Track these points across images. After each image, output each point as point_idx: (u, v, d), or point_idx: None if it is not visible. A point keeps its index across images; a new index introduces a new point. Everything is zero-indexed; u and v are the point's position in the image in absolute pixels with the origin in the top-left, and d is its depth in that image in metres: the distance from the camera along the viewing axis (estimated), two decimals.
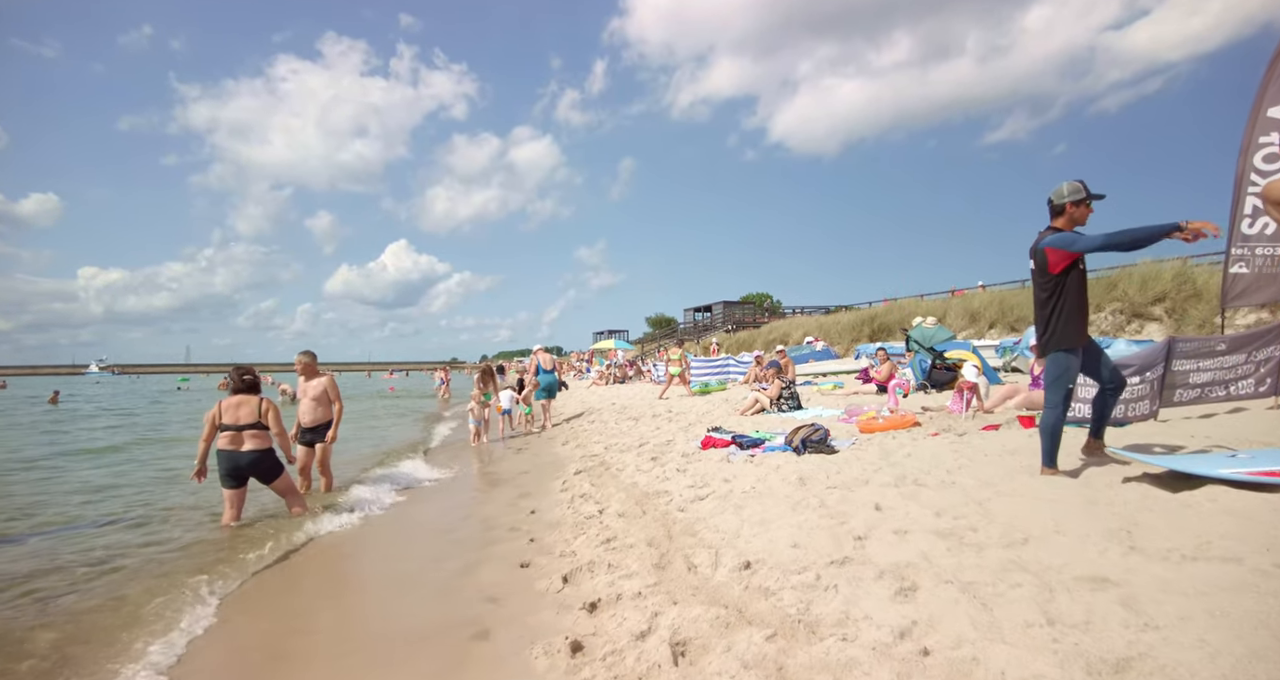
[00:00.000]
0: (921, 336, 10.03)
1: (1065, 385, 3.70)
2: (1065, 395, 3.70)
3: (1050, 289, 3.74)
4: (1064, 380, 3.70)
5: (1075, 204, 3.68)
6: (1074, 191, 3.68)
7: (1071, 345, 3.68)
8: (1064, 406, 3.71)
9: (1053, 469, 3.76)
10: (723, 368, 18.10)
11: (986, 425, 5.89)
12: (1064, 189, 3.71)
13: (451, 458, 8.61)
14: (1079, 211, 3.69)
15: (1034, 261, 3.80)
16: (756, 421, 8.41)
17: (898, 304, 26.01)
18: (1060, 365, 3.71)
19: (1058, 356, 3.72)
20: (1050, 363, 3.78)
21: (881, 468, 4.58)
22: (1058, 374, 3.73)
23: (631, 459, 6.19)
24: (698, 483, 4.70)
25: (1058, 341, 3.70)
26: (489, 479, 6.72)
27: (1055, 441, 3.75)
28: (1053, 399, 3.75)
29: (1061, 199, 3.70)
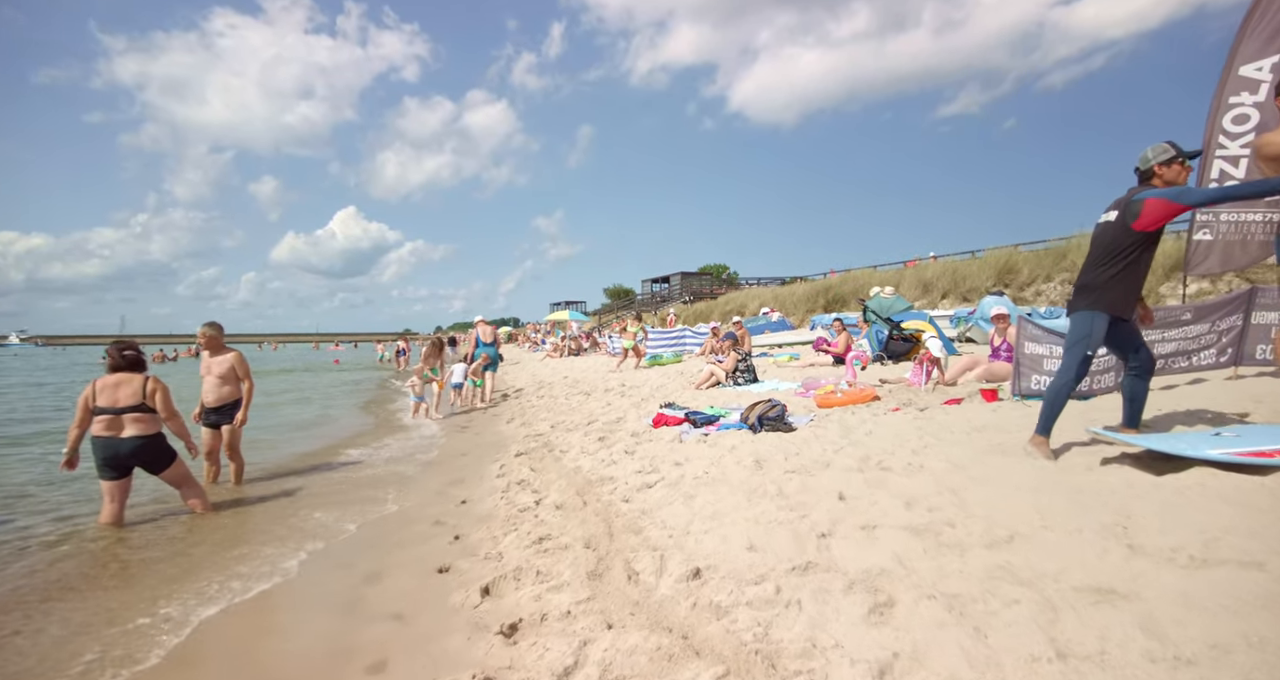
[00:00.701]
0: (879, 307, 9.82)
1: (1084, 350, 3.34)
2: (1081, 361, 3.34)
3: (1121, 246, 3.26)
4: (1084, 345, 3.34)
5: (1165, 165, 3.28)
6: (1161, 152, 3.29)
7: (1109, 311, 3.30)
8: (1076, 373, 3.34)
9: (1044, 438, 3.43)
10: (679, 339, 17.74)
11: (948, 399, 5.65)
12: (1149, 153, 3.32)
13: (384, 437, 7.99)
14: (1171, 171, 3.28)
15: (1116, 213, 3.31)
16: (711, 396, 8.05)
17: (851, 275, 26.10)
18: (1085, 327, 3.34)
19: (1086, 315, 3.34)
20: (1075, 322, 3.41)
21: (843, 448, 4.25)
22: (1080, 336, 3.36)
23: (578, 439, 5.73)
24: (646, 467, 4.28)
25: (1096, 301, 3.31)
26: (421, 461, 6.17)
27: (1056, 409, 3.40)
28: (1066, 362, 3.40)
29: (1148, 163, 3.31)
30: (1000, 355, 6.74)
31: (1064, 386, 3.37)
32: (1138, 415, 3.55)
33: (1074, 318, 3.40)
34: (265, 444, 7.48)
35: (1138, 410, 3.54)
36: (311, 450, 7.08)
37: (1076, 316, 3.38)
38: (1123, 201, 3.31)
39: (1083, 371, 3.36)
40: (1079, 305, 3.37)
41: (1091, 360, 3.36)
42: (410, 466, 5.97)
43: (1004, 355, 6.71)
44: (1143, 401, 3.54)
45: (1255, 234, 5.25)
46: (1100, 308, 3.29)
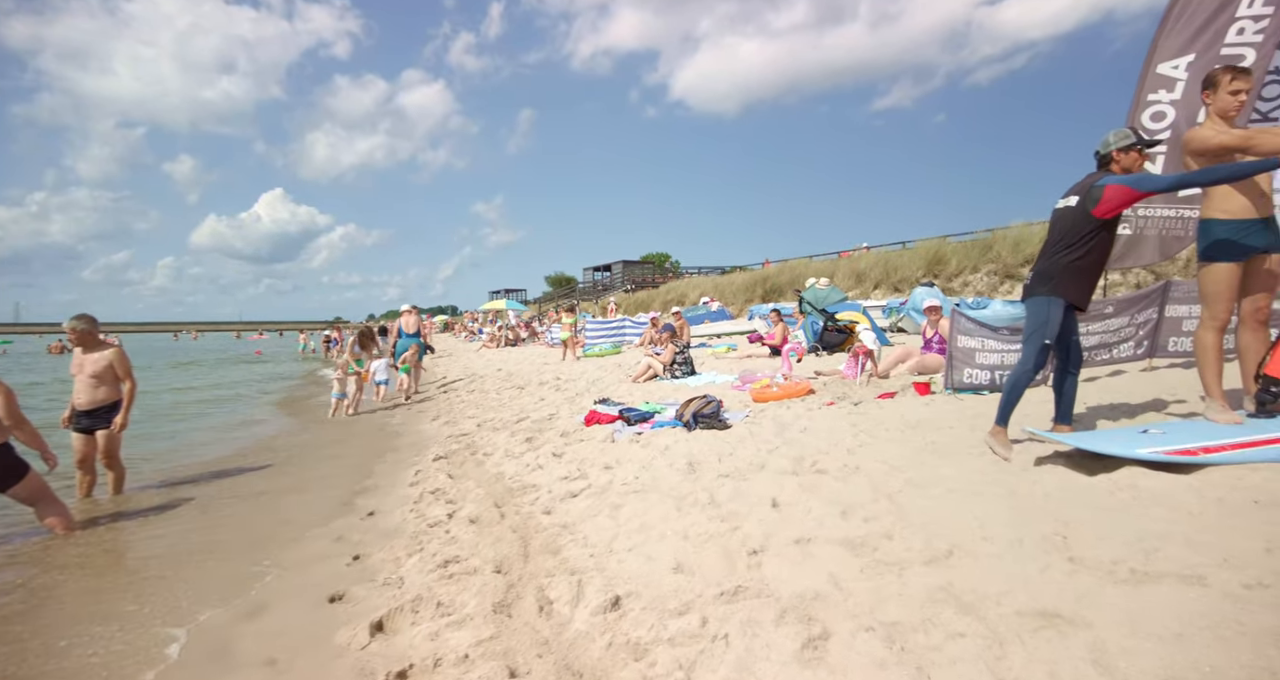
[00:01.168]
0: (814, 298, 9.83)
1: (1043, 338, 3.24)
2: (1040, 349, 3.23)
3: (1081, 232, 3.19)
4: (1042, 333, 3.24)
5: (1124, 151, 3.21)
6: (1122, 137, 3.21)
7: (1066, 297, 3.21)
8: (1035, 362, 3.24)
9: (1002, 429, 3.34)
10: (618, 330, 17.47)
11: (882, 393, 5.61)
12: (1110, 137, 3.25)
13: (293, 437, 7.40)
14: (1128, 158, 3.22)
15: (1077, 198, 3.23)
16: (648, 390, 7.83)
17: (789, 265, 26.47)
18: (1042, 314, 3.24)
19: (1043, 301, 3.24)
20: (1031, 309, 3.31)
21: (777, 447, 4.09)
22: (1036, 324, 3.26)
23: (504, 440, 5.39)
24: (573, 473, 3.99)
25: (1055, 287, 3.22)
26: (330, 466, 5.68)
27: (1014, 399, 3.30)
28: (1025, 351, 3.30)
29: (1108, 147, 3.24)
30: (932, 347, 6.79)
31: (1023, 376, 3.28)
32: (1069, 411, 3.52)
33: (1030, 304, 3.32)
34: (160, 446, 6.79)
35: (1069, 406, 3.51)
36: (211, 454, 6.44)
37: (1033, 303, 3.30)
38: (1083, 186, 3.24)
39: (1041, 360, 3.27)
40: (1037, 291, 3.28)
41: (1050, 349, 3.28)
42: (318, 472, 5.48)
43: (936, 347, 6.76)
44: (1073, 397, 3.51)
45: (1171, 229, 5.40)
46: (1058, 294, 3.22)
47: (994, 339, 5.14)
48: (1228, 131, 3.16)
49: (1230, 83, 3.19)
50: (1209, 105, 3.26)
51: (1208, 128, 3.21)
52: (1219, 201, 3.20)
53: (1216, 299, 3.23)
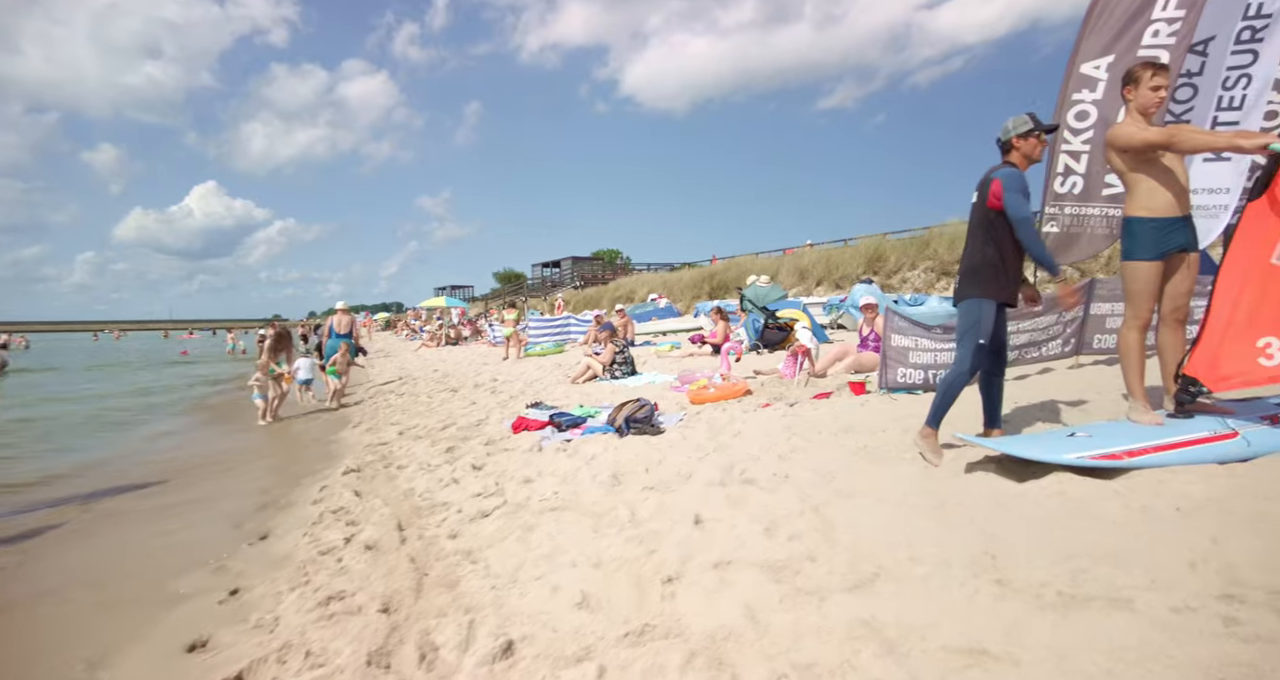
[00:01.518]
0: (755, 295, 9.76)
1: (975, 339, 3.13)
2: (975, 350, 3.12)
3: (987, 226, 3.13)
4: (974, 333, 3.13)
5: (1023, 137, 3.14)
6: (1021, 124, 3.15)
7: (994, 297, 3.13)
8: (971, 365, 3.14)
9: (933, 430, 3.23)
10: (563, 328, 17.10)
11: (818, 393, 5.51)
12: (1009, 123, 3.18)
13: (200, 446, 6.81)
14: (1028, 144, 3.15)
15: (978, 193, 3.19)
16: (586, 392, 7.57)
17: (735, 262, 26.62)
18: (972, 315, 3.15)
19: (973, 303, 3.16)
20: (962, 311, 3.22)
21: (708, 454, 3.90)
22: (968, 326, 3.16)
23: (422, 450, 5.03)
24: (489, 488, 3.70)
25: (981, 288, 3.13)
26: (237, 479, 5.21)
27: (948, 402, 3.20)
28: (960, 353, 3.19)
29: (1008, 134, 3.17)
30: (868, 345, 6.77)
31: (958, 379, 3.18)
32: (998, 414, 3.44)
33: (961, 307, 3.23)
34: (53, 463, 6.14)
35: (997, 409, 3.44)
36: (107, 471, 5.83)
37: (964, 305, 3.21)
38: (982, 180, 3.19)
39: (977, 362, 3.18)
40: (965, 292, 3.21)
41: (985, 349, 3.19)
42: (219, 487, 5.00)
43: (872, 345, 6.74)
44: (1000, 399, 3.43)
45: (1095, 227, 5.48)
46: (986, 294, 3.13)
47: (927, 338, 5.11)
48: (1151, 128, 3.12)
49: (1151, 78, 3.16)
50: (1130, 101, 3.23)
51: (1129, 124, 3.17)
52: (1143, 199, 3.16)
53: (1139, 297, 3.20)
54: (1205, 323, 3.01)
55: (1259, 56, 5.03)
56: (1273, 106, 5.17)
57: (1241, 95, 5.13)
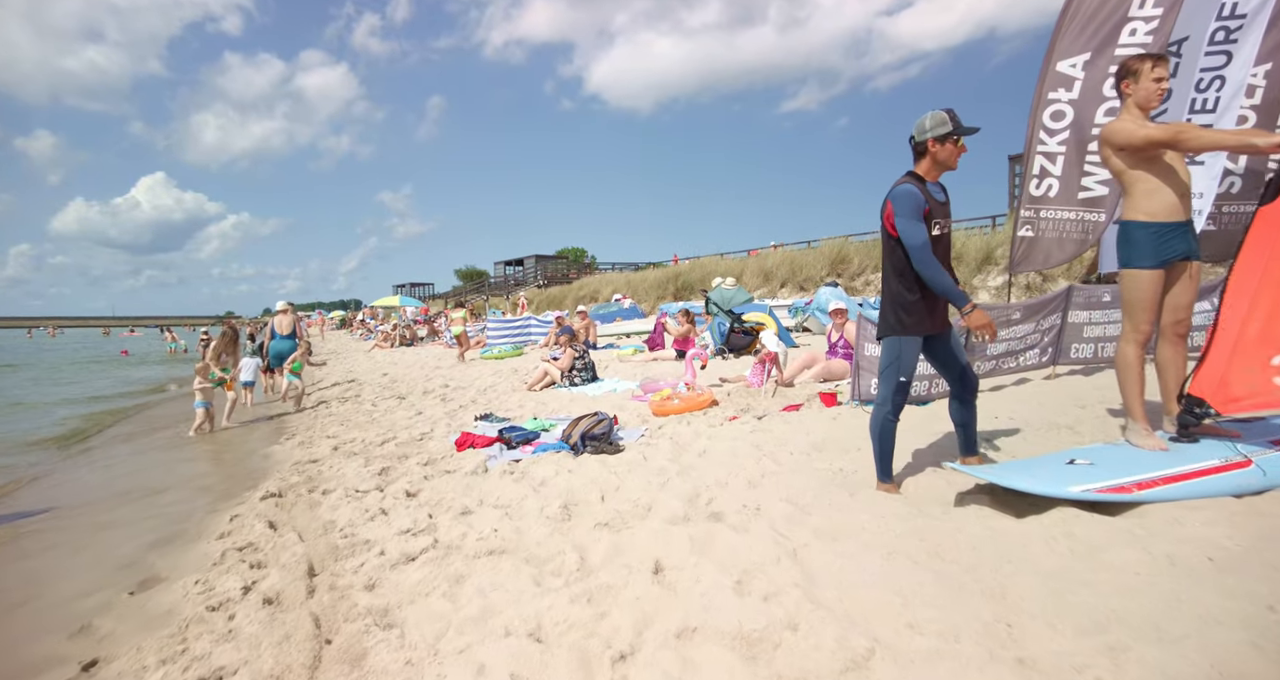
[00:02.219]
0: (720, 298, 9.44)
1: (894, 376, 2.83)
2: (894, 388, 2.84)
3: (891, 253, 2.83)
4: (892, 371, 2.84)
5: (939, 140, 2.75)
6: (938, 124, 2.75)
7: (912, 331, 2.80)
8: (894, 404, 2.86)
9: (888, 485, 2.94)
10: (523, 329, 16.55)
11: (787, 405, 5.18)
12: (925, 121, 2.78)
13: (117, 465, 6.13)
14: (944, 151, 2.77)
15: (882, 216, 2.87)
16: (543, 400, 7.12)
17: (700, 263, 26.41)
18: (890, 353, 2.84)
19: (890, 343, 2.85)
20: (882, 349, 2.91)
21: (670, 479, 3.52)
22: (886, 363, 2.86)
23: (354, 471, 4.52)
24: (420, 523, 3.23)
25: (897, 323, 2.82)
26: (141, 505, 4.60)
27: (885, 448, 2.92)
28: (881, 392, 2.89)
29: (922, 134, 2.77)
30: (837, 352, 6.49)
31: (885, 420, 2.88)
32: (973, 441, 3.13)
33: (882, 344, 2.92)
34: None
35: (971, 436, 3.12)
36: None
37: (884, 343, 2.90)
38: (883, 201, 2.86)
39: (900, 400, 2.88)
40: (883, 330, 2.89)
41: (908, 386, 2.88)
42: (119, 515, 4.39)
43: (841, 352, 6.46)
44: (974, 425, 3.12)
45: (1070, 232, 5.30)
46: (905, 330, 2.81)
47: None
48: (1154, 125, 2.85)
49: (1152, 70, 2.89)
50: (1128, 96, 2.95)
51: (1129, 120, 2.90)
52: (1141, 201, 2.90)
53: (1139, 309, 2.93)
54: (1212, 338, 2.75)
55: (1232, 58, 4.88)
56: (1244, 111, 5.05)
57: (1215, 98, 4.98)
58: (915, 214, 2.72)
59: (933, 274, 2.69)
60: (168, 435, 7.56)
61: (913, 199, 2.73)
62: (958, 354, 3.02)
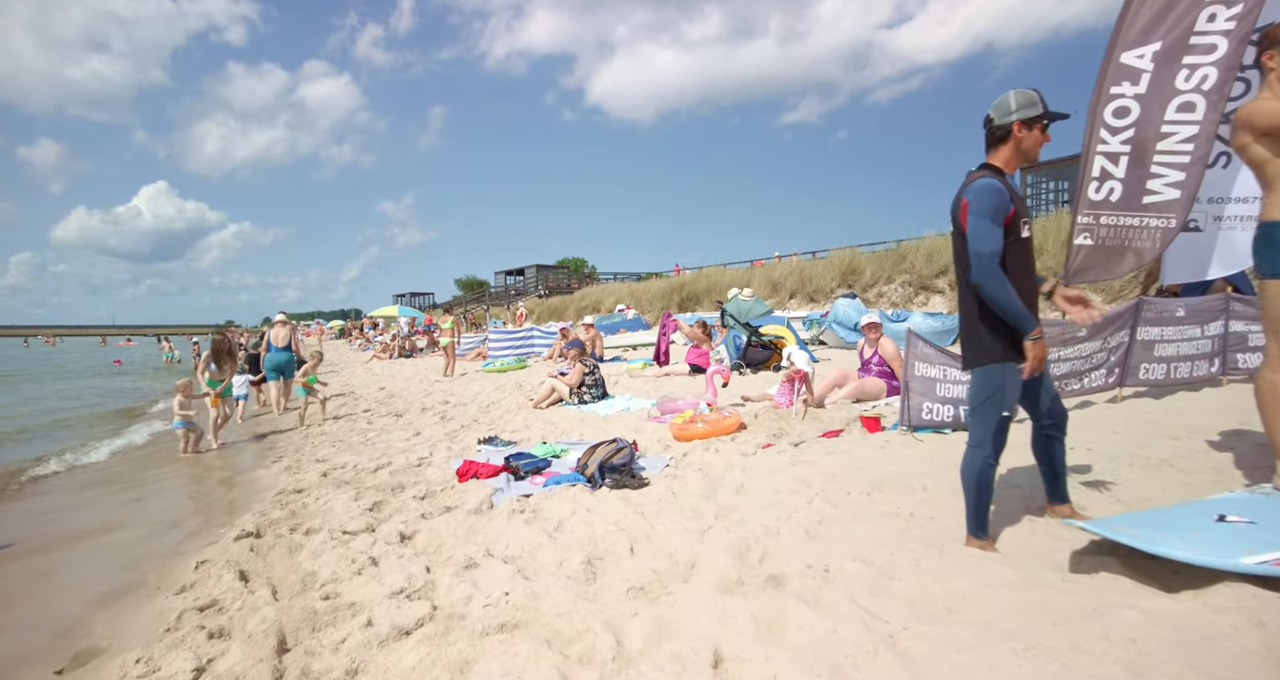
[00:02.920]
0: (738, 310, 8.95)
1: (995, 412, 2.33)
2: (997, 427, 2.34)
3: (967, 264, 2.34)
4: (992, 406, 2.34)
5: (1027, 124, 2.29)
6: (1026, 104, 2.28)
7: (1004, 356, 2.30)
8: (995, 446, 2.36)
9: (984, 541, 2.43)
10: (525, 340, 16.04)
11: (826, 431, 4.67)
12: (1010, 100, 2.30)
13: (88, 488, 5.60)
14: (1030, 137, 2.31)
15: (952, 217, 2.39)
16: (551, 418, 6.61)
17: (705, 273, 25.95)
18: (990, 384, 2.34)
19: (988, 372, 2.33)
20: (974, 380, 2.40)
21: (710, 525, 3.00)
22: (985, 396, 2.35)
23: (343, 505, 4.00)
24: (415, 580, 2.71)
25: (991, 348, 2.31)
26: (99, 546, 4.09)
27: (983, 498, 2.41)
28: (977, 433, 2.38)
29: (1007, 116, 2.30)
30: (871, 370, 5.99)
31: (985, 466, 2.37)
32: (1063, 484, 2.65)
33: (974, 375, 2.40)
34: None
35: (1061, 478, 2.64)
36: None
37: (976, 373, 2.38)
38: (955, 198, 2.38)
39: (1003, 440, 2.40)
40: (975, 359, 2.37)
41: (1010, 422, 2.38)
42: (73, 557, 3.88)
43: (875, 369, 5.96)
44: (1064, 466, 2.63)
45: (1134, 240, 4.81)
46: (1001, 355, 2.29)
47: (955, 367, 4.32)
48: None
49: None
50: (1272, 70, 2.48)
51: (1274, 99, 2.43)
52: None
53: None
54: None
55: None
56: None
57: None
58: (995, 215, 2.24)
59: (995, 289, 2.21)
60: (142, 455, 7.04)
61: (996, 196, 2.25)
62: (1047, 382, 2.53)
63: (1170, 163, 4.59)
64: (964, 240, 2.31)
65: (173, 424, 7.05)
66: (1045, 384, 2.51)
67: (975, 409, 2.38)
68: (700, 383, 8.02)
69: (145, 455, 7.25)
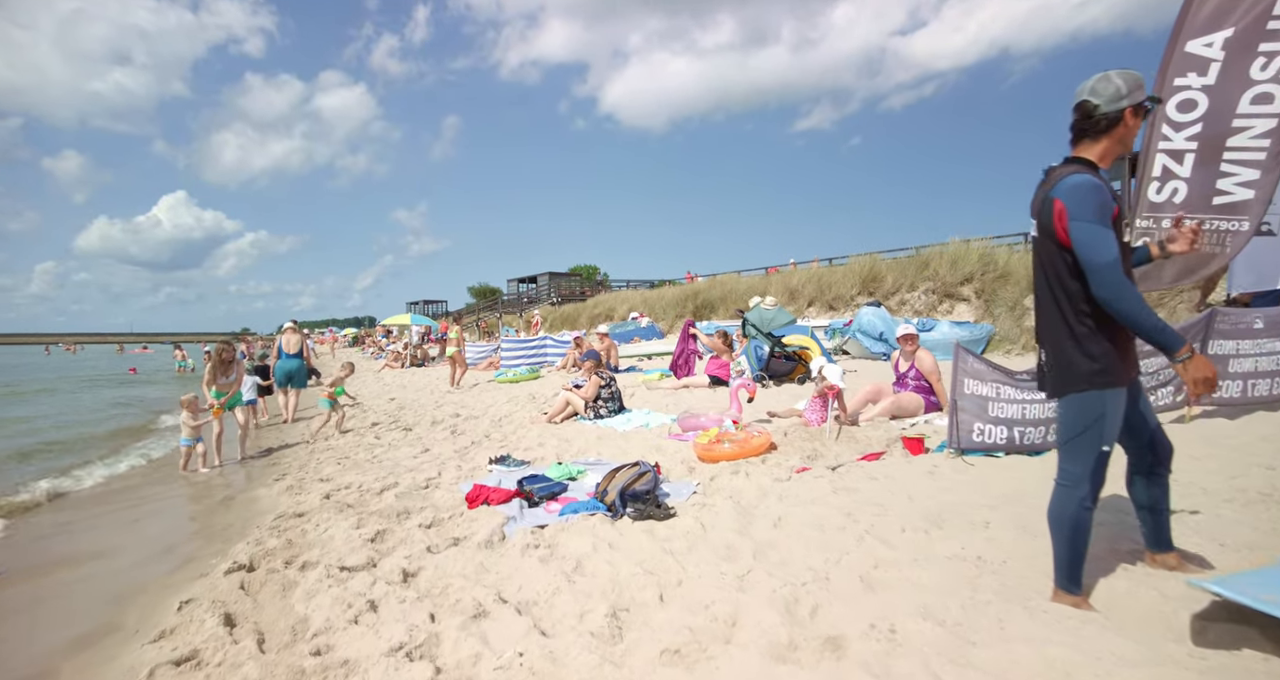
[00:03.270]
0: (760, 320, 8.60)
1: (1093, 447, 1.99)
2: (1095, 465, 1.99)
3: (1056, 273, 1.99)
4: (1090, 439, 1.99)
5: (1137, 110, 1.96)
6: (1136, 87, 1.95)
7: (1113, 382, 1.95)
8: (1093, 486, 2.01)
9: (1076, 597, 2.07)
10: (539, 349, 15.76)
11: (865, 454, 4.31)
12: (1119, 84, 1.95)
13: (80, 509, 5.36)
14: (1135, 126, 1.99)
15: (1037, 220, 2.05)
16: (565, 435, 6.29)
17: (719, 280, 25.60)
18: (1088, 413, 1.98)
19: (1085, 400, 1.98)
20: (1066, 410, 2.05)
21: (749, 568, 2.66)
22: (1081, 428, 2.00)
23: (343, 534, 3.69)
24: (417, 633, 2.39)
25: (1092, 373, 1.95)
26: (81, 571, 3.82)
27: (1078, 547, 2.05)
28: (1072, 471, 2.03)
29: (1119, 101, 1.95)
30: (908, 384, 5.62)
31: (1081, 509, 2.01)
32: (1167, 529, 2.28)
33: (1062, 405, 2.05)
34: None
35: (1164, 524, 2.26)
36: None
37: (1069, 402, 2.02)
38: (1038, 201, 2.04)
39: (1102, 480, 2.04)
40: (1068, 385, 2.01)
41: (1110, 456, 2.02)
42: (42, 585, 3.61)
43: (912, 384, 5.59)
44: (1167, 509, 2.26)
45: (1199, 245, 4.42)
46: (1102, 382, 1.95)
47: (1009, 384, 3.95)
48: None
49: None
50: None
51: None
52: None
53: None
54: None
55: None
56: None
57: None
58: (1103, 217, 1.90)
59: (1130, 304, 1.85)
60: (146, 473, 6.81)
61: (1099, 194, 1.91)
62: (1147, 412, 2.18)
63: (1243, 160, 4.22)
64: (1056, 247, 1.97)
65: (181, 440, 6.81)
66: (1146, 412, 2.16)
67: (1069, 443, 2.03)
68: (721, 396, 7.66)
69: (148, 473, 7.02)
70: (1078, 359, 1.95)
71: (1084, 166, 1.99)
